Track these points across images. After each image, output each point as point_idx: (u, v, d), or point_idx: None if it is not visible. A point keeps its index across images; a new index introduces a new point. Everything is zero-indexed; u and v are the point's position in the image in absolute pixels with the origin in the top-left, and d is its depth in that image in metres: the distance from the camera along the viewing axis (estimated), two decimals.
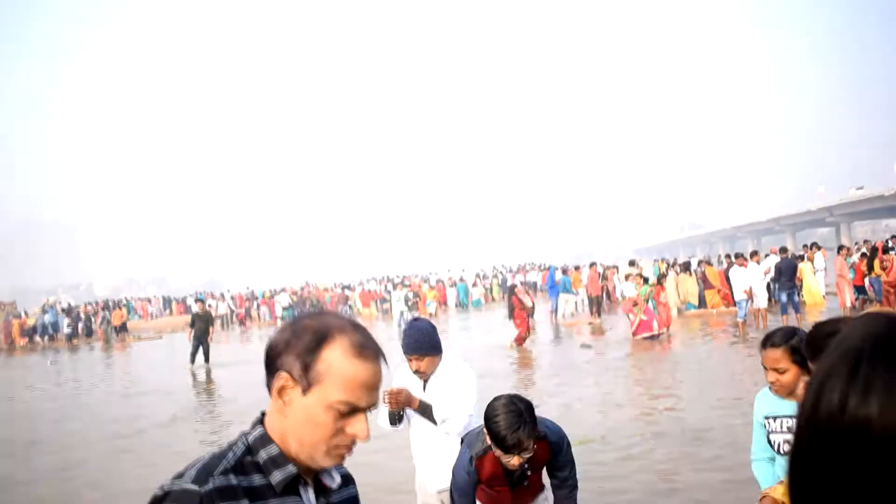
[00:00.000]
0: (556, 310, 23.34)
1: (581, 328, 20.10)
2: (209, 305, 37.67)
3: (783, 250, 18.33)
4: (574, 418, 8.58)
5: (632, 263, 24.67)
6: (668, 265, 25.70)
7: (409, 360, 4.01)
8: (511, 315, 16.91)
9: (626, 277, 18.52)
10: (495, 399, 3.08)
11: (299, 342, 1.39)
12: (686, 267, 23.55)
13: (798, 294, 18.18)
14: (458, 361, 4.10)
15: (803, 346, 2.33)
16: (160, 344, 28.57)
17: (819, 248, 21.97)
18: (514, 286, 18.75)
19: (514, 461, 2.99)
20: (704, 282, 22.32)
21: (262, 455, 1.42)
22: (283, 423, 1.41)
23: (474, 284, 37.80)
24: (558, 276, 24.72)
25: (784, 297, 16.65)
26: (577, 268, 28.81)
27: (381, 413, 4.08)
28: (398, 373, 4.18)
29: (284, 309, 34.90)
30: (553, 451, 3.23)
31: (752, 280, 16.45)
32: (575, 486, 3.35)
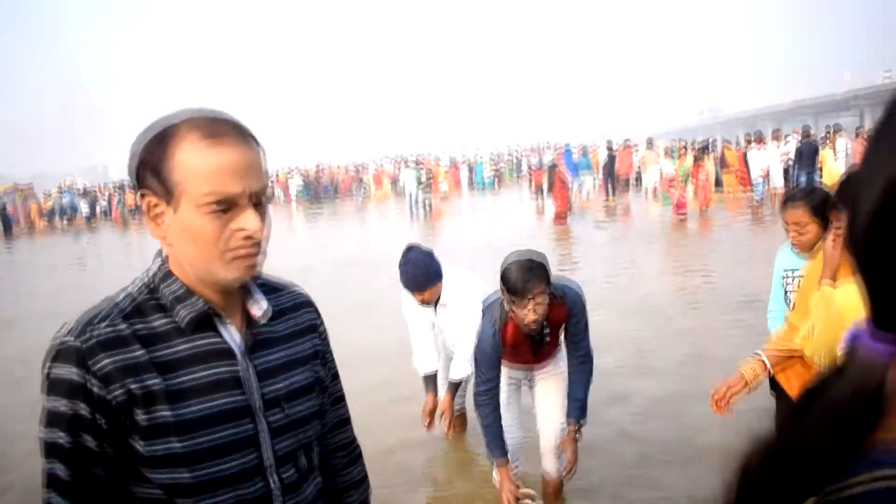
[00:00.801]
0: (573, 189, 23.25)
1: (595, 209, 20.07)
2: None
3: (806, 132, 17.93)
4: (610, 291, 8.71)
5: (650, 144, 24.24)
6: (686, 147, 25.26)
7: (413, 294, 4.01)
8: (550, 191, 16.84)
9: (666, 154, 18.07)
10: (508, 255, 3.10)
11: (147, 152, 1.20)
12: (704, 149, 23.15)
13: (817, 176, 17.91)
14: (463, 281, 4.08)
15: (836, 196, 2.30)
16: None
17: (842, 131, 21.50)
18: (555, 163, 18.69)
19: (529, 312, 2.99)
20: (722, 164, 22.02)
21: (165, 293, 1.25)
22: (173, 252, 1.26)
23: (487, 166, 37.45)
24: (576, 156, 24.43)
25: (803, 179, 16.43)
26: (585, 150, 28.41)
27: (419, 360, 4.25)
28: (405, 301, 4.17)
29: (299, 189, 34.93)
30: (570, 312, 3.25)
31: (770, 161, 16.21)
32: (589, 357, 3.37)
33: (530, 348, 3.33)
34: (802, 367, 2.65)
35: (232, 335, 1.28)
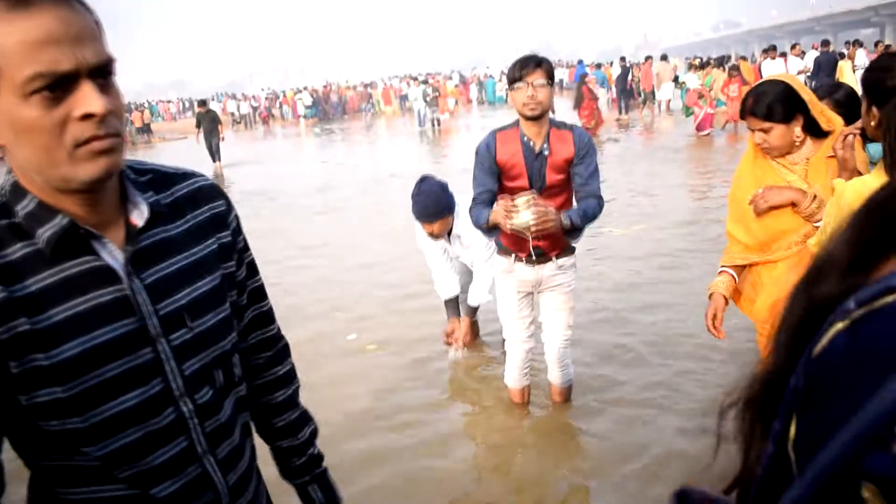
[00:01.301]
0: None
1: (610, 124, 19.84)
2: (236, 106, 37.57)
3: (825, 43, 17.52)
4: (643, 205, 8.72)
5: (664, 58, 23.71)
6: (702, 62, 24.71)
7: (423, 225, 3.98)
8: (578, 105, 16.55)
9: (691, 68, 17.58)
10: None
11: None
12: (720, 62, 22.64)
13: None
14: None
15: (865, 88, 2.28)
16: (185, 144, 28.68)
17: (861, 45, 20.90)
18: (584, 75, 18.31)
19: (527, 97, 3.01)
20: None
21: (20, 213, 1.02)
22: (12, 160, 1.01)
23: (500, 80, 36.87)
24: (590, 72, 23.98)
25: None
26: (600, 66, 27.87)
27: (440, 285, 4.26)
28: (418, 232, 4.16)
29: (307, 107, 34.58)
30: (576, 148, 3.13)
31: (787, 71, 15.84)
32: (598, 197, 3.13)
33: (526, 170, 3.14)
34: (751, 287, 2.70)
35: (111, 251, 1.06)
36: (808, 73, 17.73)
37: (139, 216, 1.09)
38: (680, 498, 0.67)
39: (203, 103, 18.43)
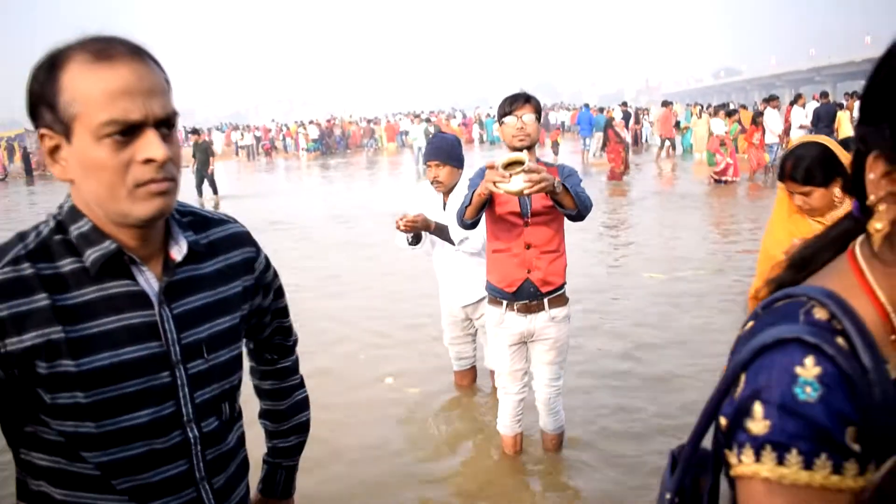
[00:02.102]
0: (589, 149, 23.07)
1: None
2: (240, 137, 37.76)
3: (824, 95, 17.68)
4: (655, 249, 8.69)
5: (665, 104, 23.95)
6: (702, 109, 24.96)
7: (428, 167, 4.01)
8: (604, 147, 16.37)
9: (716, 112, 16.98)
10: None
11: (37, 85, 1.08)
12: (720, 110, 22.87)
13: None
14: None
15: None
16: (186, 172, 28.77)
17: (859, 97, 21.00)
18: (611, 118, 18.04)
19: (516, 130, 3.10)
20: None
21: (73, 232, 1.13)
22: (77, 192, 1.14)
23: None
24: (594, 115, 24.20)
25: None
26: (602, 109, 28.11)
27: (399, 234, 4.13)
28: (418, 190, 4.18)
29: (313, 140, 34.80)
30: (561, 172, 3.20)
31: (781, 124, 16.08)
32: (582, 195, 3.04)
33: (518, 201, 3.15)
34: None
35: (148, 279, 1.17)
36: (809, 128, 17.88)
37: (178, 252, 1.21)
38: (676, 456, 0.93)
39: (196, 132, 18.03)
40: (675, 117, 24.22)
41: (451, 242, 3.95)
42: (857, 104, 13.80)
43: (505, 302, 3.33)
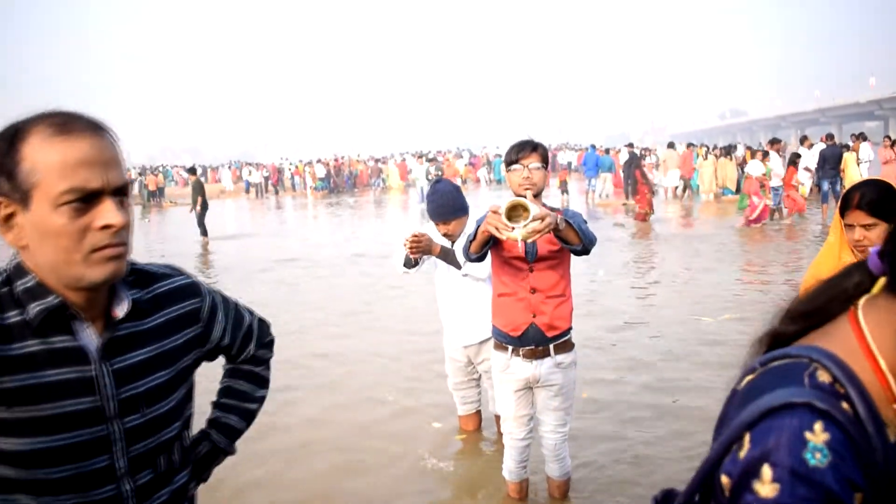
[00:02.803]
0: (595, 189, 23.18)
1: (617, 208, 20.01)
2: (248, 172, 37.97)
3: (829, 137, 17.77)
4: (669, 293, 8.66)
5: (671, 146, 24.11)
6: (708, 150, 25.12)
7: (437, 226, 4.04)
8: (634, 190, 16.14)
9: (753, 155, 16.62)
10: None
11: None
12: (727, 151, 23.00)
13: (841, 184, 17.73)
14: None
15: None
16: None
17: (866, 139, 21.22)
18: (639, 159, 17.89)
19: (522, 179, 3.10)
20: (743, 168, 21.85)
21: (18, 287, 1.17)
22: (29, 256, 1.17)
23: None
24: (600, 155, 24.36)
25: (826, 186, 16.26)
26: (608, 150, 28.31)
27: (398, 255, 4.15)
28: (422, 230, 4.18)
29: (320, 179, 35.05)
30: (564, 214, 3.09)
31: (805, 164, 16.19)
32: (586, 229, 3.04)
33: (520, 242, 3.09)
34: None
35: (89, 335, 1.21)
36: (814, 171, 17.91)
37: (121, 309, 1.24)
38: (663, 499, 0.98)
39: (192, 171, 17.77)
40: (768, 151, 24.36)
41: (458, 266, 3.95)
42: (862, 146, 13.93)
43: (510, 347, 3.32)
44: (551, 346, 3.29)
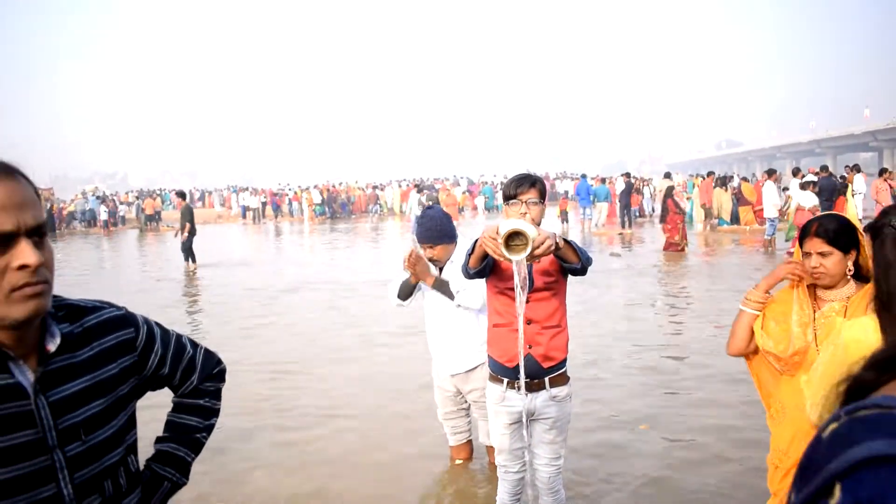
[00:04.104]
0: (591, 218, 23.25)
1: (613, 237, 20.06)
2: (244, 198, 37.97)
3: (824, 169, 17.92)
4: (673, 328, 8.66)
5: (667, 176, 24.26)
6: (703, 179, 25.27)
7: (423, 249, 4.06)
8: (663, 219, 15.76)
9: (803, 187, 15.92)
10: None
11: None
12: (722, 182, 23.16)
13: None
14: None
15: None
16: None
17: (859, 170, 21.41)
18: (671, 187, 17.35)
19: (520, 209, 3.12)
20: (739, 198, 21.97)
21: None
22: None
23: (495, 188, 37.68)
24: (594, 185, 24.48)
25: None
26: (605, 180, 28.48)
27: (392, 288, 4.17)
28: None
29: (317, 205, 35.12)
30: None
31: (798, 197, 16.21)
32: (586, 255, 3.07)
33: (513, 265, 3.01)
34: (780, 407, 2.72)
35: (24, 372, 1.25)
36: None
37: (52, 343, 1.29)
38: None
39: (181, 195, 17.22)
40: (682, 189, 24.45)
41: (451, 297, 3.96)
42: (856, 177, 13.98)
43: (506, 380, 3.32)
44: (546, 379, 3.29)
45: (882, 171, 18.64)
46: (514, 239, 2.63)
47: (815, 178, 16.52)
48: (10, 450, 1.21)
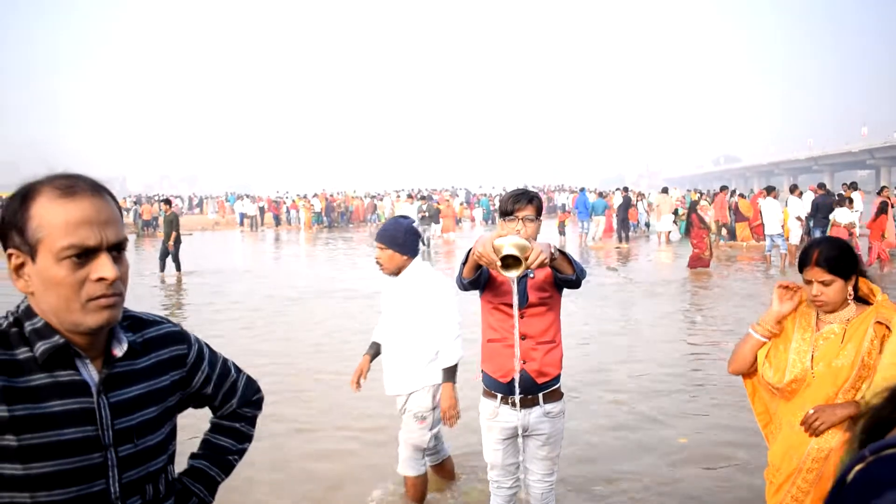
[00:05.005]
0: (588, 231, 23.25)
1: (608, 251, 20.09)
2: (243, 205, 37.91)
3: (821, 186, 17.98)
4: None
5: (665, 191, 24.30)
6: (701, 195, 25.32)
7: (376, 245, 4.00)
8: (687, 233, 15.39)
9: (840, 203, 15.21)
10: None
11: (10, 213, 1.29)
12: (699, 199, 23.19)
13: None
14: (433, 273, 4.00)
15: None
16: (186, 241, 28.74)
17: (857, 188, 21.41)
18: (696, 201, 16.89)
19: (516, 226, 3.12)
20: (736, 214, 21.96)
21: (28, 327, 1.31)
22: (35, 302, 1.32)
23: (492, 201, 37.71)
24: (592, 198, 24.49)
25: (818, 234, 16.39)
26: (602, 194, 28.51)
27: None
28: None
29: (315, 213, 35.09)
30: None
31: (796, 213, 16.32)
32: (580, 267, 3.08)
33: (511, 289, 3.10)
34: (776, 426, 2.74)
35: (90, 371, 1.34)
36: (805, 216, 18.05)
37: (119, 349, 1.38)
38: None
39: (167, 202, 16.88)
40: (675, 204, 24.45)
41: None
42: (853, 195, 13.91)
43: (499, 395, 3.31)
44: (540, 395, 3.29)
45: (881, 190, 18.63)
46: (508, 260, 2.63)
47: (850, 195, 16.11)
48: (69, 443, 1.28)
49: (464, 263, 3.07)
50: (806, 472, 2.52)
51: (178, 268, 15.87)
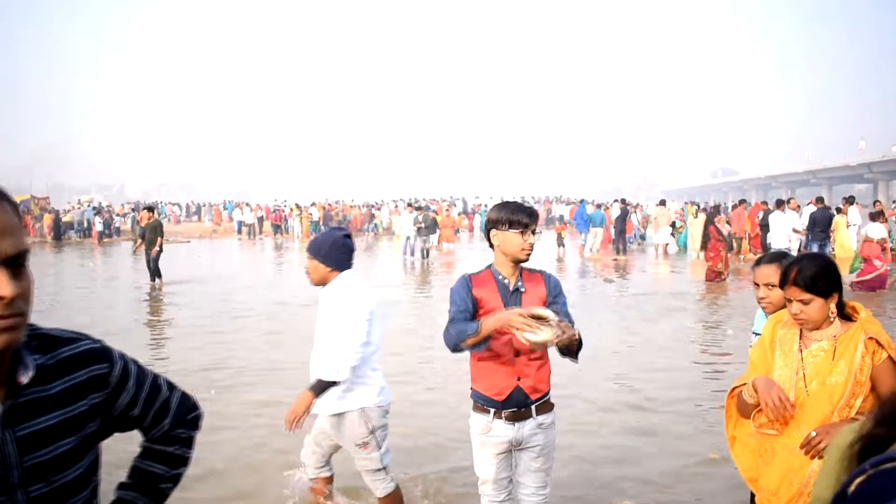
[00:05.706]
0: (586, 243, 23.21)
1: (606, 263, 20.04)
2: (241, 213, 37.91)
3: (819, 200, 18.03)
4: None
5: (662, 203, 24.33)
6: (698, 208, 25.37)
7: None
8: (704, 246, 15.15)
9: (873, 217, 14.38)
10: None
11: None
12: (716, 211, 23.22)
13: (830, 246, 17.88)
14: (354, 288, 3.87)
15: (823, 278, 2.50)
16: (184, 248, 28.76)
17: (854, 202, 21.45)
18: (714, 212, 16.79)
19: (526, 244, 3.17)
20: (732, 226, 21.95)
21: None
22: None
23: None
24: (591, 210, 24.48)
25: (815, 248, 16.41)
26: (600, 206, 28.54)
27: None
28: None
29: (313, 222, 35.08)
30: (547, 286, 3.28)
31: (794, 226, 16.35)
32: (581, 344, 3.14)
33: (502, 305, 3.16)
34: (759, 458, 2.67)
35: None
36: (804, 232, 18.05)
37: (25, 375, 1.19)
38: None
39: (150, 209, 16.58)
40: (673, 217, 24.46)
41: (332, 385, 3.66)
42: (850, 209, 13.95)
43: (492, 410, 3.28)
44: (533, 407, 3.26)
45: (875, 204, 18.67)
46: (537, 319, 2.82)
47: (884, 210, 15.45)
48: None
49: (470, 334, 3.04)
50: (807, 496, 2.47)
51: (155, 276, 15.53)
